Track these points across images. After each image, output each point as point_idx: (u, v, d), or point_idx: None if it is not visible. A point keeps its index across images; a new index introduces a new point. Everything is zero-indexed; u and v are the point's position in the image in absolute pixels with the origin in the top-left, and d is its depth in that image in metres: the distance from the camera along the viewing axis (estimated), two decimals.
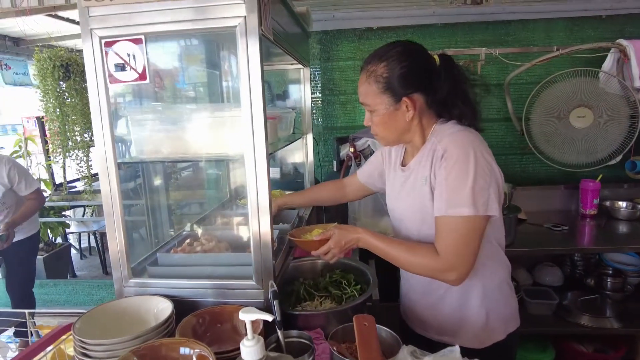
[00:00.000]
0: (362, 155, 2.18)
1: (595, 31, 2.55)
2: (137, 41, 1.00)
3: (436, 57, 1.10)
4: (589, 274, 2.30)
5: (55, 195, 3.79)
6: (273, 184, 2.25)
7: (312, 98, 2.68)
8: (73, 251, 4.50)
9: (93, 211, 4.37)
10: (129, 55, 1.01)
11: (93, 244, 4.55)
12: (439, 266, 1.02)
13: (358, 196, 1.57)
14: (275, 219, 1.53)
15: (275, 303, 0.98)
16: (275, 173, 2.21)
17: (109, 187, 1.08)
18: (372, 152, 2.17)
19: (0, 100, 6.50)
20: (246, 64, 0.95)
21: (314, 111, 2.72)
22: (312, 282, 1.41)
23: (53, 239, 4.01)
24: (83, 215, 4.47)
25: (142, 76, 1.02)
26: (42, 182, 3.83)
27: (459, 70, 1.11)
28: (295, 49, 1.61)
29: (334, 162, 2.28)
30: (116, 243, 1.10)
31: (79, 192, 3.71)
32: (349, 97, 2.70)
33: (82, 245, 4.86)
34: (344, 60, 2.67)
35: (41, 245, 3.69)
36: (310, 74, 2.62)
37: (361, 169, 1.50)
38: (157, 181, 1.58)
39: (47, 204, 3.57)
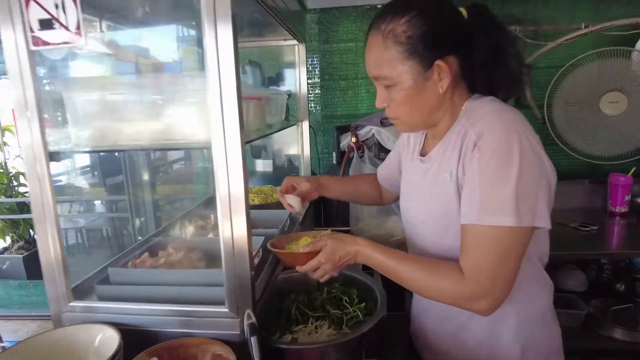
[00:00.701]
0: (365, 146, 1.92)
1: (623, 9, 2.29)
2: None
3: (463, 11, 0.84)
4: (618, 278, 2.06)
5: None
6: (264, 179, 2.00)
7: (309, 84, 2.43)
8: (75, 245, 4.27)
9: (80, 206, 4.13)
10: (57, 6, 0.75)
11: (80, 240, 4.31)
12: (465, 292, 0.77)
13: (392, 199, 1.27)
14: (257, 221, 1.27)
15: (253, 340, 0.74)
16: (268, 166, 1.95)
17: (39, 185, 0.83)
18: (376, 142, 1.92)
19: None
20: (212, 11, 0.70)
21: (311, 98, 2.47)
22: (307, 298, 1.16)
23: (34, 236, 3.76)
24: (69, 211, 4.23)
25: (75, 36, 0.76)
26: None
27: (500, 25, 0.84)
28: (290, 20, 1.35)
29: (334, 154, 2.02)
30: (50, 255, 0.85)
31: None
32: (351, 83, 2.45)
33: (70, 242, 4.62)
34: (345, 42, 2.41)
35: (21, 243, 3.45)
36: (307, 55, 2.38)
37: (380, 169, 1.23)
38: (119, 176, 1.32)
39: (26, 199, 3.32)
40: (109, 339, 0.81)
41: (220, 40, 0.70)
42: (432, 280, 0.81)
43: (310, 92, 2.46)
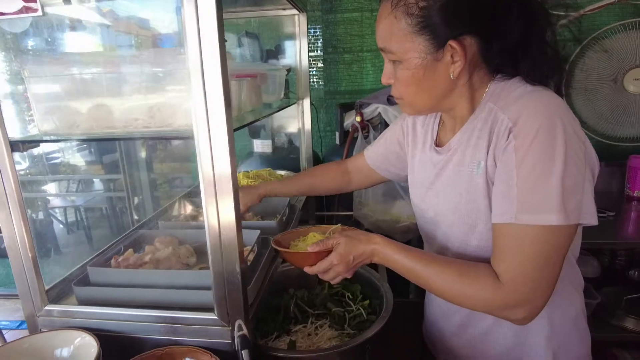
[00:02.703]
0: (370, 126, 1.80)
1: None
2: None
3: None
4: (632, 265, 1.98)
5: (32, 168, 3.46)
6: (263, 161, 1.89)
7: (311, 57, 2.29)
8: (60, 226, 4.22)
9: (78, 184, 4.06)
10: None
11: (79, 218, 4.27)
12: (503, 301, 0.68)
13: (365, 184, 1.18)
14: (256, 211, 1.18)
15: (245, 354, 0.66)
16: (267, 147, 1.85)
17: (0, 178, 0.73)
18: (382, 122, 1.80)
19: None
20: None
21: (314, 72, 2.34)
22: (307, 294, 1.08)
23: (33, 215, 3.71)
24: (67, 190, 4.16)
25: (30, 6, 0.64)
26: None
27: (538, 4, 0.71)
28: None
29: (337, 134, 1.91)
30: (18, 254, 0.77)
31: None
32: (356, 56, 2.30)
33: (69, 220, 4.58)
34: (350, 12, 2.25)
35: None
36: (309, 26, 2.22)
37: (370, 149, 1.10)
38: (116, 153, 1.21)
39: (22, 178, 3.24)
40: (87, 346, 0.73)
41: (200, 6, 0.58)
42: (463, 286, 0.71)
43: (313, 66, 2.32)
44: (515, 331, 0.79)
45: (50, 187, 3.98)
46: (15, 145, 0.70)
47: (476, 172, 0.74)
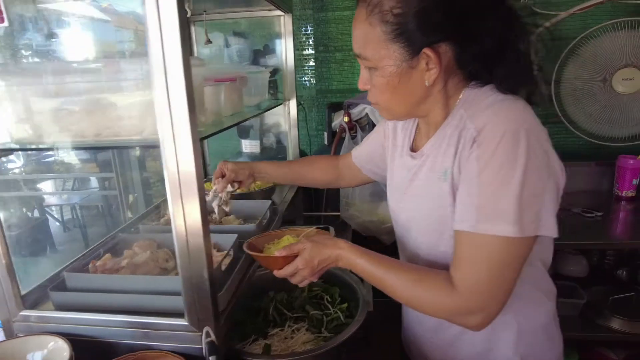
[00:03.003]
0: (358, 126, 1.80)
1: None
2: None
3: None
4: (621, 265, 1.99)
5: (27, 166, 3.47)
6: (252, 161, 1.90)
7: (303, 56, 2.28)
8: (56, 224, 4.24)
9: (74, 183, 4.07)
10: None
11: (75, 215, 4.28)
12: (456, 307, 0.69)
13: (354, 182, 1.20)
14: (237, 213, 1.19)
15: None
16: (255, 147, 1.85)
17: None
18: (369, 122, 1.80)
19: None
20: None
21: (305, 71, 2.33)
22: (286, 297, 1.09)
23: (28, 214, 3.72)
24: (62, 188, 4.17)
25: None
26: None
27: (511, 13, 0.71)
28: None
29: (325, 134, 1.91)
30: None
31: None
32: (347, 55, 2.29)
33: (65, 218, 4.59)
34: (341, 10, 2.23)
35: (13, 220, 3.41)
36: (301, 24, 2.22)
37: (357, 148, 1.11)
38: (97, 157, 1.22)
39: (14, 177, 3.26)
40: (60, 350, 0.74)
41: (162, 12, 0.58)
42: (420, 291, 0.72)
43: (304, 64, 2.32)
44: (483, 338, 0.80)
45: (46, 185, 3.99)
46: None
47: (444, 179, 0.74)
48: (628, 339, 1.68)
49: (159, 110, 0.61)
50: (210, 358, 0.67)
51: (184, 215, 0.66)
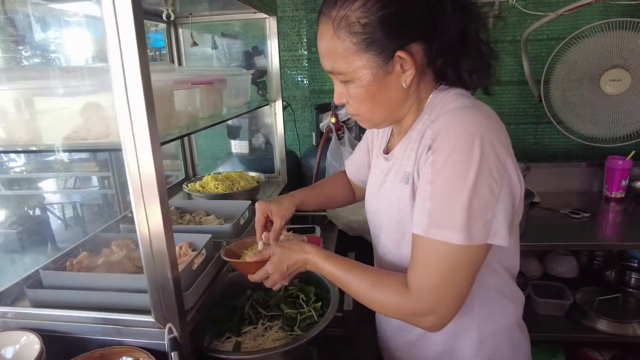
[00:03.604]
0: (345, 127, 1.82)
1: None
2: None
3: None
4: (610, 265, 1.98)
5: (28, 165, 3.53)
6: (240, 161, 1.92)
7: (296, 56, 2.31)
8: (58, 222, 4.30)
9: (75, 181, 4.13)
10: None
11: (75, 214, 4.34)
12: (409, 307, 0.71)
13: (361, 194, 1.13)
14: (217, 213, 1.20)
15: (174, 356, 0.69)
16: (244, 148, 1.87)
17: None
18: (356, 123, 1.82)
19: None
20: None
21: (298, 71, 2.35)
22: (263, 295, 1.11)
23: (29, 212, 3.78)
24: (64, 187, 4.23)
25: None
26: None
27: (468, 5, 0.72)
28: None
29: (313, 135, 1.93)
30: None
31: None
32: None
33: (67, 216, 4.66)
34: None
35: (14, 218, 3.47)
36: (293, 25, 2.24)
37: (350, 159, 1.12)
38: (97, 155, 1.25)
39: (15, 176, 3.32)
40: (31, 344, 0.77)
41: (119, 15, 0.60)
42: (376, 292, 0.74)
43: (297, 65, 2.33)
44: (444, 339, 0.81)
45: (47, 184, 4.06)
46: None
47: (405, 181, 0.76)
48: (614, 339, 1.68)
49: (120, 114, 0.63)
50: (172, 354, 0.69)
51: (147, 218, 0.68)
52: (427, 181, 0.69)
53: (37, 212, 3.93)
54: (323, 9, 0.73)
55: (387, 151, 0.89)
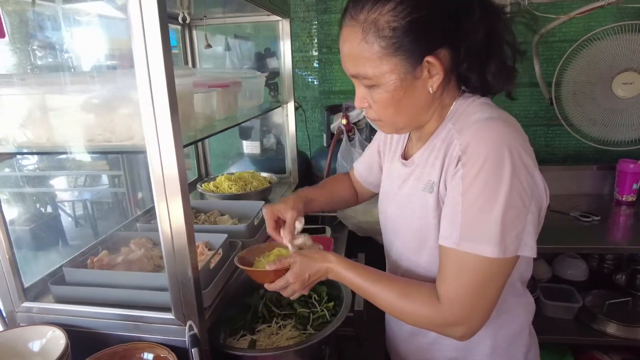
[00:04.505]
0: (355, 128, 1.83)
1: None
2: None
3: None
4: (620, 269, 1.98)
5: (41, 163, 3.59)
6: (252, 162, 1.95)
7: (307, 57, 2.33)
8: (68, 219, 4.36)
9: (85, 180, 4.19)
10: None
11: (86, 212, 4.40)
12: (440, 318, 0.71)
13: (365, 196, 1.16)
14: (231, 213, 1.23)
15: (194, 352, 0.71)
16: (255, 148, 1.89)
17: None
18: (367, 125, 1.83)
19: None
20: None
21: (309, 72, 2.37)
22: (276, 294, 1.13)
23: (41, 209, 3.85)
24: (75, 185, 4.29)
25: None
26: None
27: (494, 8, 0.72)
28: None
29: (324, 136, 1.94)
30: None
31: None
32: None
33: (77, 214, 4.72)
34: None
35: (27, 215, 3.54)
36: (304, 26, 2.26)
37: (358, 160, 1.11)
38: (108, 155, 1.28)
39: (28, 174, 3.38)
40: (57, 339, 0.80)
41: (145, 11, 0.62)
42: (406, 304, 0.74)
43: (308, 65, 2.35)
44: (458, 345, 0.82)
45: (59, 182, 4.12)
46: None
47: (429, 190, 0.76)
48: (623, 343, 1.68)
49: (145, 118, 0.66)
50: (192, 350, 0.72)
51: (169, 217, 0.71)
52: (458, 193, 0.68)
53: (49, 209, 3.99)
54: (350, 11, 0.71)
55: (405, 156, 0.89)
